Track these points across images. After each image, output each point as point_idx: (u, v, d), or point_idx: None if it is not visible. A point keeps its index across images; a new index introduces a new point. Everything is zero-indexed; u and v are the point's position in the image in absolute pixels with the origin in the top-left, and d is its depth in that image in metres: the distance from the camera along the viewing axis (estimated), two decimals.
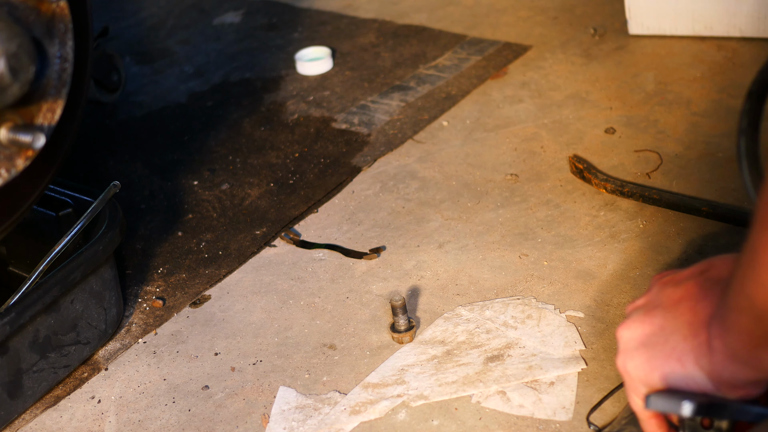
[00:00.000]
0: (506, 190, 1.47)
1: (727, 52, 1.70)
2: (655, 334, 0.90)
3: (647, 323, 0.91)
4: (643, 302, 0.93)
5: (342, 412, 1.12)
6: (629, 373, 0.90)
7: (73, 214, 1.32)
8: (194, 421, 1.15)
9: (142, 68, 2.00)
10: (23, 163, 1.05)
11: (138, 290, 1.38)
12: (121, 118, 1.83)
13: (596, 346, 1.16)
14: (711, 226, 1.32)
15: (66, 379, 1.24)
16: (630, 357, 0.90)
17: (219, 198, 1.56)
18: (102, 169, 1.67)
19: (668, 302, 0.92)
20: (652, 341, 0.90)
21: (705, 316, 0.87)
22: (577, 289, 1.25)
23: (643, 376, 0.89)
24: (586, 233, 1.35)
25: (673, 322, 0.90)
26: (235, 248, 1.44)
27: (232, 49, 2.01)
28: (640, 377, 0.90)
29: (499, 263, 1.32)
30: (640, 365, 0.90)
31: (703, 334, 0.86)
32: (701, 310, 0.88)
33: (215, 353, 1.25)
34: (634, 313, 0.93)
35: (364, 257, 1.37)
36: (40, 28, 1.04)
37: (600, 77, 1.70)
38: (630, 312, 0.93)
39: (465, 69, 1.80)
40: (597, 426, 1.05)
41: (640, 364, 0.90)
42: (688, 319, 0.88)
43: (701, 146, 1.48)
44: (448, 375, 1.15)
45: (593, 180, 1.43)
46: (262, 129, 1.71)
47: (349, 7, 2.13)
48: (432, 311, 1.26)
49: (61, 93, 1.07)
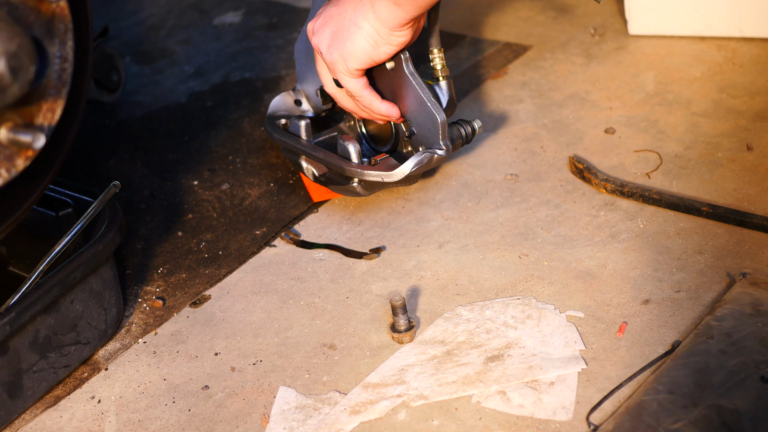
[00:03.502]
0: (506, 190, 1.47)
1: (727, 52, 1.70)
2: (333, 18, 1.28)
3: (326, 18, 1.29)
4: (317, 14, 1.32)
5: (342, 412, 1.12)
6: (327, 54, 1.29)
7: (73, 214, 1.32)
8: (194, 421, 1.15)
9: (142, 68, 2.00)
10: (23, 163, 1.05)
11: (138, 290, 1.38)
12: (121, 118, 1.83)
13: (596, 346, 1.16)
14: (711, 226, 1.32)
15: (66, 379, 1.24)
16: (323, 40, 1.29)
17: (219, 198, 1.56)
18: (102, 169, 1.67)
19: (333, 3, 1.30)
20: (334, 24, 1.28)
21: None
22: (577, 289, 1.25)
23: (337, 49, 1.27)
24: (586, 233, 1.35)
25: (342, 7, 1.27)
26: (235, 248, 1.44)
27: (232, 49, 2.01)
28: (334, 53, 1.28)
29: (499, 263, 1.32)
30: (332, 42, 1.28)
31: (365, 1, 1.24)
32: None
33: (215, 353, 1.25)
34: (315, 16, 1.32)
35: (364, 257, 1.37)
36: (40, 28, 1.03)
37: (600, 77, 1.70)
38: (310, 23, 1.32)
39: (465, 69, 1.80)
40: (597, 426, 1.05)
41: (331, 42, 1.28)
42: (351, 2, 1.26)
43: (701, 146, 1.48)
44: (448, 375, 1.15)
45: (593, 180, 1.43)
46: (262, 129, 1.71)
47: None
48: (432, 311, 1.26)
49: (61, 93, 1.07)
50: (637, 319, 1.19)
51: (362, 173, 1.33)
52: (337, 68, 1.29)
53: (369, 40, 1.25)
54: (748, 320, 1.12)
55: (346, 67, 1.28)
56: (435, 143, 1.32)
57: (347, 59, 1.27)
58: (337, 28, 1.27)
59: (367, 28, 1.24)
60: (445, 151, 1.32)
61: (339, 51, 1.27)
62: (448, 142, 1.32)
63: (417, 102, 1.31)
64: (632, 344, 1.16)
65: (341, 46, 1.27)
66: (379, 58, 1.28)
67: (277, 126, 1.47)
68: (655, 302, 1.21)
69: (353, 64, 1.27)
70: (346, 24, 1.26)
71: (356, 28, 1.25)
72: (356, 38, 1.25)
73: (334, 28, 1.27)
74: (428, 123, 1.31)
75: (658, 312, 1.20)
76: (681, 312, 1.19)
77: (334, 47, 1.28)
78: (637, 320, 1.19)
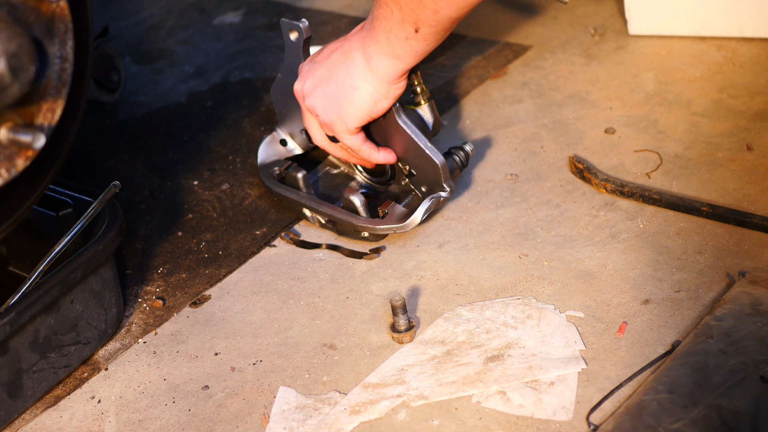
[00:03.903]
0: (506, 190, 1.47)
1: (727, 52, 1.70)
2: (324, 81, 1.25)
3: (316, 81, 1.26)
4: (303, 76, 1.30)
5: (342, 412, 1.12)
6: (323, 115, 1.27)
7: (73, 214, 1.32)
8: (194, 421, 1.15)
9: (142, 68, 2.00)
10: (23, 163, 1.05)
11: (138, 290, 1.38)
12: (121, 118, 1.83)
13: (596, 346, 1.16)
14: (711, 226, 1.32)
15: (66, 379, 1.24)
16: (317, 103, 1.27)
17: (219, 198, 1.56)
18: (102, 169, 1.67)
19: (322, 59, 1.28)
20: (327, 88, 1.25)
21: (356, 47, 1.23)
22: (577, 289, 1.26)
23: (334, 112, 1.26)
24: (586, 233, 1.35)
25: (331, 69, 1.25)
26: (235, 248, 1.44)
27: (232, 49, 2.01)
28: (332, 116, 1.26)
29: (499, 263, 1.32)
30: (328, 105, 1.26)
31: (359, 55, 1.22)
32: (349, 48, 1.24)
33: (215, 353, 1.25)
34: (301, 78, 1.30)
35: (364, 257, 1.37)
36: (40, 28, 1.03)
37: (600, 77, 1.70)
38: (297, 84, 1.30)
39: (465, 69, 1.80)
40: (597, 426, 1.05)
41: (327, 105, 1.26)
42: (342, 59, 1.24)
43: (701, 146, 1.48)
44: (448, 375, 1.15)
45: (593, 180, 1.43)
46: (262, 129, 1.71)
47: (349, 7, 2.13)
48: (432, 311, 1.26)
49: (61, 93, 1.07)
50: (637, 319, 1.19)
51: (374, 228, 1.36)
52: (336, 128, 1.28)
53: (368, 99, 1.24)
54: (748, 320, 1.12)
55: (346, 128, 1.27)
56: (437, 186, 1.35)
57: (346, 120, 1.26)
58: (330, 91, 1.25)
59: (365, 87, 1.23)
60: (448, 192, 1.35)
61: (337, 114, 1.26)
62: (452, 183, 1.35)
63: (414, 149, 1.33)
64: (632, 344, 1.16)
65: (338, 108, 1.25)
66: (377, 114, 1.28)
67: (272, 177, 1.48)
68: (655, 302, 1.21)
69: (353, 123, 1.27)
70: (340, 87, 1.24)
71: (353, 89, 1.24)
72: (354, 99, 1.24)
73: (328, 91, 1.26)
74: (428, 168, 1.34)
75: (658, 312, 1.20)
76: (681, 312, 1.19)
77: (331, 110, 1.26)
78: (637, 320, 1.19)
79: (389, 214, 1.36)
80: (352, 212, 1.38)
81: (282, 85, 1.46)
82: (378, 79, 1.23)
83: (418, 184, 1.38)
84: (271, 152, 1.52)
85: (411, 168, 1.36)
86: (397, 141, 1.34)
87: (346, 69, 1.24)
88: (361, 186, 1.46)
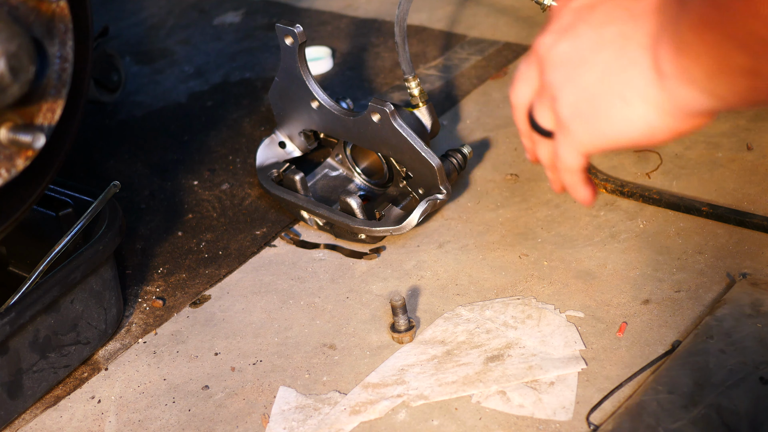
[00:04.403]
0: (506, 190, 1.47)
1: None
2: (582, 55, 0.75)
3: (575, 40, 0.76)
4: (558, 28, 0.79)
5: (342, 412, 1.12)
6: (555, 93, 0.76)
7: (73, 214, 1.32)
8: (194, 421, 1.15)
9: (142, 68, 2.00)
10: (23, 163, 1.05)
11: (138, 290, 1.38)
12: (121, 118, 1.83)
13: (596, 346, 1.16)
14: (711, 226, 1.32)
15: (66, 379, 1.24)
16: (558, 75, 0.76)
17: (219, 198, 1.56)
18: (102, 169, 1.67)
19: (593, 5, 0.76)
20: (581, 68, 0.75)
21: (645, 39, 0.70)
22: (577, 289, 1.25)
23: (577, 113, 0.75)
24: (586, 233, 1.35)
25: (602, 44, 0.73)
26: (235, 248, 1.44)
27: (232, 49, 2.01)
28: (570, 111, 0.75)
29: (499, 263, 1.32)
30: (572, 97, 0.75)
31: (647, 57, 0.70)
32: (636, 32, 0.71)
33: (215, 353, 1.25)
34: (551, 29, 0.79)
35: (364, 257, 1.37)
36: (40, 28, 1.03)
37: None
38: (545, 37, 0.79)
39: (465, 69, 1.80)
40: (597, 426, 1.05)
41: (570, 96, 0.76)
42: (620, 43, 0.72)
43: (701, 146, 1.48)
44: (448, 375, 1.15)
45: (593, 180, 1.43)
46: (262, 129, 1.71)
47: (349, 7, 2.13)
48: (432, 311, 1.26)
49: (61, 93, 1.07)
50: (637, 319, 1.19)
51: (370, 230, 1.36)
52: (569, 137, 0.78)
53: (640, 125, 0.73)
54: (748, 320, 1.12)
55: (581, 144, 0.78)
56: (434, 188, 1.36)
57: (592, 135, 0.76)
58: (587, 83, 0.74)
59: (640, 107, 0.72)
60: (445, 194, 1.35)
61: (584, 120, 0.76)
62: (448, 185, 1.36)
63: (410, 151, 1.34)
64: (632, 344, 1.16)
65: (589, 115, 0.75)
66: (647, 146, 0.91)
67: (270, 179, 1.48)
68: (655, 302, 1.21)
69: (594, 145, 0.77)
70: (602, 84, 0.74)
71: (621, 100, 0.73)
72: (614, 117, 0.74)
73: (583, 81, 0.75)
74: (425, 170, 1.34)
75: (658, 312, 1.20)
76: (681, 312, 1.19)
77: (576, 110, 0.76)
78: (637, 320, 1.19)
79: (386, 216, 1.36)
80: (348, 214, 1.38)
81: (280, 88, 1.46)
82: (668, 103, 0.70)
83: (415, 187, 1.38)
84: (270, 154, 1.52)
85: (408, 170, 1.36)
86: (393, 144, 1.34)
87: (617, 60, 0.72)
88: (359, 188, 1.47)
